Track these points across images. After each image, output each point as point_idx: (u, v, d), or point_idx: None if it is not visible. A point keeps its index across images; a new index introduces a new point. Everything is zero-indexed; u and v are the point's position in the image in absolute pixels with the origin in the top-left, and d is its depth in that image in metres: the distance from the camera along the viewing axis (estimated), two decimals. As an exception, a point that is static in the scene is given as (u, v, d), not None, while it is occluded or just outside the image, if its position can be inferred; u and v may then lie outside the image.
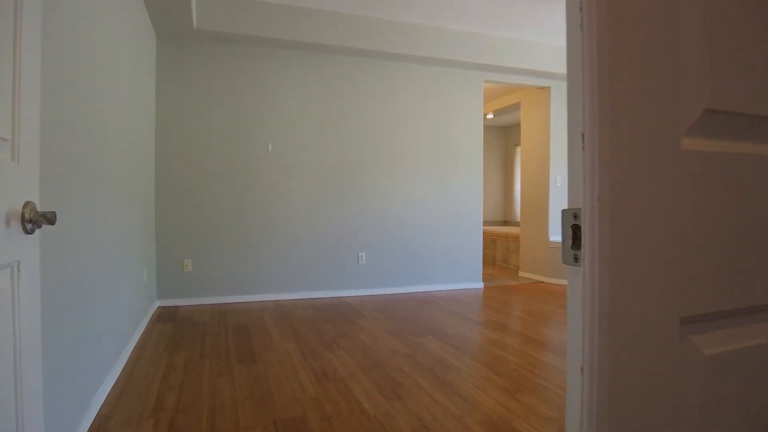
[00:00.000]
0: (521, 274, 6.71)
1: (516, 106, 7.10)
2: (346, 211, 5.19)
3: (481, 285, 5.81)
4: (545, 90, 6.24)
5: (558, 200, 6.21)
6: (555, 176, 6.19)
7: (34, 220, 1.03)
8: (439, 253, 5.58)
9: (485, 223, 9.63)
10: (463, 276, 5.72)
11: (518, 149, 9.58)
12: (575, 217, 0.84)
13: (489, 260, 8.12)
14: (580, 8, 0.82)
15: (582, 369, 0.81)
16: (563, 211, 0.87)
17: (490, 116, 8.04)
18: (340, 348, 3.32)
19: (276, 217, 4.91)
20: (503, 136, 9.99)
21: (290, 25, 4.61)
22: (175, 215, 4.59)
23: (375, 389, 2.58)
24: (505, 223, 9.88)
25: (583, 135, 0.83)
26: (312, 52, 5.01)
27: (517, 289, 5.70)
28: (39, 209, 1.07)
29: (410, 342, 3.49)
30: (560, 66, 5.76)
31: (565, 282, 5.26)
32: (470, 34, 5.33)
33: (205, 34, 4.49)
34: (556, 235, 6.20)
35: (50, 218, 1.07)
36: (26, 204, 1.03)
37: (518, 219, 9.48)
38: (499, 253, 7.85)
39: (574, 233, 0.85)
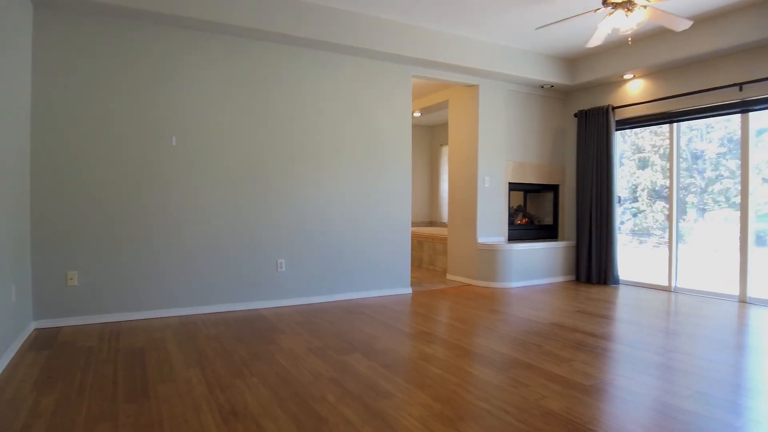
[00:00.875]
0: (449, 276, 6.53)
1: (443, 105, 6.92)
2: (264, 213, 4.70)
3: (409, 290, 5.53)
4: (473, 88, 6.08)
5: (487, 201, 6.08)
6: (483, 176, 6.06)
7: None
8: (366, 257, 5.23)
9: (412, 224, 9.42)
10: (391, 281, 5.41)
11: (444, 149, 9.48)
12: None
13: (416, 262, 7.90)
14: None
15: None
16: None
17: (417, 114, 7.82)
18: (254, 374, 2.87)
19: (181, 220, 4.32)
20: (429, 135, 9.86)
21: (198, 1, 4.05)
22: (58, 220, 3.88)
23: (294, 429, 2.17)
24: (431, 224, 9.76)
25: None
26: (222, 35, 4.47)
27: (447, 294, 5.48)
28: None
29: (335, 362, 3.10)
30: (490, 63, 5.62)
31: (493, 284, 5.10)
32: (401, 26, 5.02)
33: (94, 5, 3.82)
34: (485, 236, 6.06)
35: None
36: None
37: (445, 220, 9.38)
38: (426, 255, 7.65)
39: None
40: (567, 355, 3.27)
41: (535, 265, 6.15)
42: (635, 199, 6.28)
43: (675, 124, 5.69)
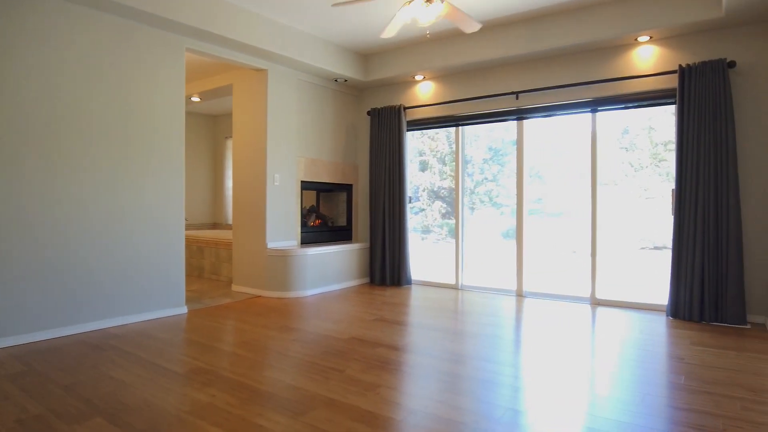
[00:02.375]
0: (235, 287, 5.69)
1: (227, 90, 6.03)
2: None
3: (184, 310, 4.55)
4: (262, 73, 5.36)
5: (278, 201, 5.43)
6: (273, 174, 5.39)
7: None
8: (124, 272, 4.08)
9: (191, 226, 8.23)
10: (159, 301, 4.36)
11: (230, 142, 8.51)
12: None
13: (195, 272, 6.81)
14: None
15: None
16: None
17: (195, 99, 6.73)
18: None
19: None
20: (212, 126, 8.73)
21: None
22: None
23: None
24: (215, 226, 8.67)
25: None
26: None
27: (231, 310, 4.66)
28: None
29: (56, 440, 2.09)
30: (281, 46, 4.97)
31: (286, 294, 4.43)
32: (165, -18, 4.02)
33: None
34: (275, 240, 5.40)
35: None
36: None
37: (231, 221, 8.41)
38: (208, 262, 6.64)
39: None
40: (372, 379, 2.83)
41: (331, 270, 5.74)
42: (417, 199, 6.46)
43: (461, 128, 5.88)
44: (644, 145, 5.22)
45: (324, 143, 6.13)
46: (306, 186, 5.93)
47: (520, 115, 5.38)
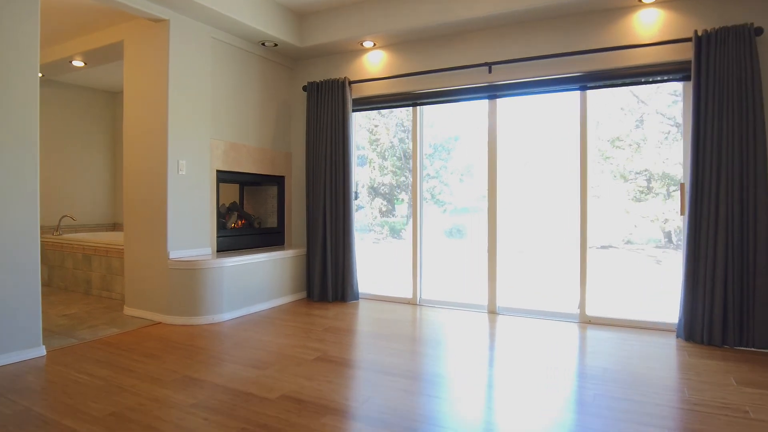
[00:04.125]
0: (128, 311, 4.31)
1: (118, 50, 4.59)
2: None
3: (40, 351, 3.17)
4: (161, 25, 4.02)
5: (184, 196, 4.11)
6: (177, 160, 4.06)
7: None
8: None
9: (83, 228, 6.63)
10: (2, 340, 2.96)
11: (132, 125, 6.95)
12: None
13: (81, 287, 5.32)
14: None
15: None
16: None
17: (77, 63, 5.21)
18: None
19: None
20: (111, 105, 7.09)
21: None
22: None
23: None
24: (115, 227, 7.09)
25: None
26: None
27: (113, 349, 3.32)
28: None
29: None
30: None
31: (194, 321, 2.86)
32: None
33: None
34: (181, 248, 4.08)
35: None
36: None
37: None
38: (97, 275, 5.17)
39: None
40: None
41: (256, 285, 4.48)
42: (356, 195, 5.35)
43: (419, 108, 4.81)
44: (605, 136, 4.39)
45: (248, 124, 4.85)
46: (224, 177, 4.64)
47: (493, 92, 4.39)
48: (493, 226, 4.46)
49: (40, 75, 5.62)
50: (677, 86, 3.99)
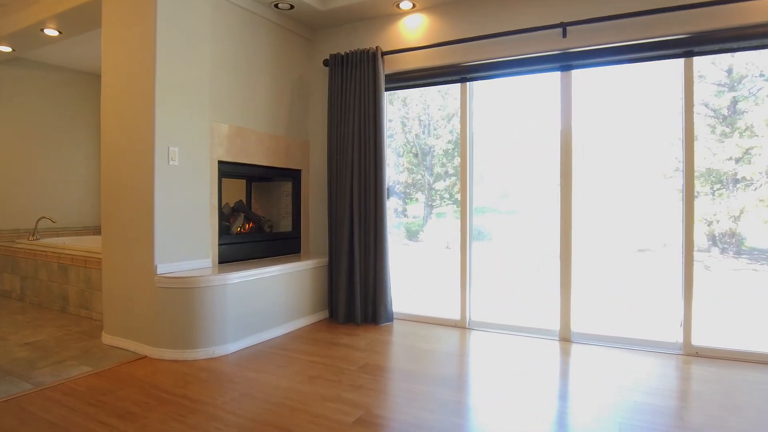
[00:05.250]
0: (107, 339, 3.40)
1: (95, 11, 3.68)
2: None
3: (-32, 410, 2.27)
4: (145, -29, 3.11)
5: (176, 193, 3.20)
6: (166, 146, 3.15)
7: None
8: None
9: (65, 231, 5.75)
10: None
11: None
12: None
13: (57, 305, 4.43)
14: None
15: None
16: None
17: (51, 32, 4.31)
18: None
19: None
20: (96, 90, 6.14)
21: None
22: None
23: None
24: (98, 231, 6.19)
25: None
26: None
27: (80, 399, 2.41)
28: None
29: None
30: None
31: (188, 355, 2.07)
32: None
33: None
34: (172, 261, 3.18)
35: None
36: None
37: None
38: (75, 290, 4.28)
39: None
40: None
41: (269, 305, 3.57)
42: (389, 193, 4.62)
43: (468, 84, 3.88)
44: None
45: (257, 105, 3.94)
46: (228, 171, 3.73)
47: (567, 62, 3.47)
48: (567, 228, 3.53)
49: (9, 49, 4.77)
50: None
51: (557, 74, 3.54)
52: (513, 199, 4.42)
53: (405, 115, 4.87)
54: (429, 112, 4.84)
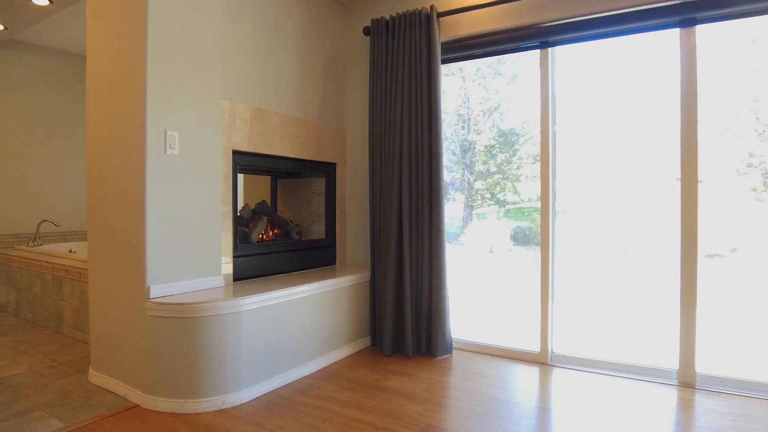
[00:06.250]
0: (93, 376, 2.68)
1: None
2: None
3: None
4: None
5: (176, 191, 2.44)
6: (163, 129, 2.39)
7: None
8: None
9: (69, 234, 5.13)
10: None
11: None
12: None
13: (52, 323, 3.78)
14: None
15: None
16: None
17: (39, 1, 3.65)
18: None
19: None
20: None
21: None
22: None
23: None
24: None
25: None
26: None
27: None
28: None
29: None
30: None
31: (191, 406, 1.62)
32: None
33: None
34: (171, 280, 2.42)
35: None
36: None
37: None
38: (69, 307, 3.61)
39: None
40: None
41: (296, 336, 2.79)
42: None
43: (550, 50, 3.02)
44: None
45: (282, 82, 3.17)
46: (246, 164, 2.97)
47: (687, 14, 2.57)
48: (691, 235, 2.63)
49: (1, 27, 4.14)
50: None
51: (676, 31, 2.65)
52: (601, 198, 3.54)
53: (444, 109, 4.15)
54: (469, 105, 4.14)
